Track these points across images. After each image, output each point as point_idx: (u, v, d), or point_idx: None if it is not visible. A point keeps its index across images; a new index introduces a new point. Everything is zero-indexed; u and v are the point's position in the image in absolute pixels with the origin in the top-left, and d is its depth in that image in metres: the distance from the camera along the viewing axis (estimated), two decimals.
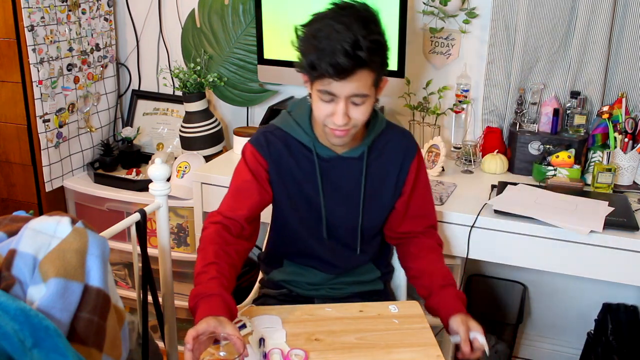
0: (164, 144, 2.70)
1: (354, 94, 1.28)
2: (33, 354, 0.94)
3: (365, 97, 1.30)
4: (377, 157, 1.49)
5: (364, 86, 1.28)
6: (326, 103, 1.31)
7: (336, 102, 1.29)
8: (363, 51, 1.22)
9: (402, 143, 1.52)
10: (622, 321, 2.18)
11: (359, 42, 1.21)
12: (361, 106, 1.31)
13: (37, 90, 2.23)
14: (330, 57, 1.21)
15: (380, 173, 1.50)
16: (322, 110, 1.32)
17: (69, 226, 1.09)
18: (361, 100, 1.30)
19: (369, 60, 1.24)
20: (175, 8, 2.60)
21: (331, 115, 1.31)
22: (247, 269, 2.51)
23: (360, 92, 1.28)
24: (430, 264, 1.51)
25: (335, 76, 1.24)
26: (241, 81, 2.55)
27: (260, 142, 1.46)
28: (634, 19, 2.03)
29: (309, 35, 1.27)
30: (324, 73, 1.24)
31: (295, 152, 1.45)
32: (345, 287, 1.58)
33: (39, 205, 2.41)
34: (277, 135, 1.46)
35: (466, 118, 2.32)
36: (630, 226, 1.71)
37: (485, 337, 1.36)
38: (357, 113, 1.32)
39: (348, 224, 1.51)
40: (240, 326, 1.28)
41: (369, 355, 1.24)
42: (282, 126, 1.48)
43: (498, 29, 2.16)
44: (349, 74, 1.24)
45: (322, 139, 1.45)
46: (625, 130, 2.03)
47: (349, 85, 1.26)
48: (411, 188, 1.52)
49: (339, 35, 1.22)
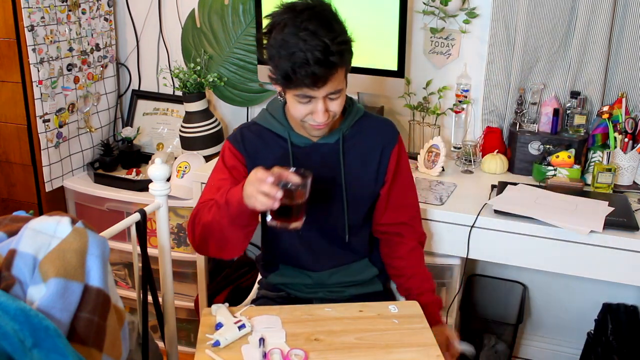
0: (164, 144, 2.70)
1: (330, 92, 1.32)
2: (33, 354, 0.94)
3: (340, 91, 1.34)
4: (355, 144, 1.49)
5: (338, 84, 1.32)
6: (304, 104, 1.33)
7: (314, 103, 1.32)
8: (335, 55, 1.24)
9: (382, 130, 1.52)
10: (622, 321, 2.18)
11: (329, 47, 1.23)
12: (337, 100, 1.35)
13: (37, 90, 2.23)
14: (305, 68, 1.23)
15: (359, 159, 1.50)
16: (300, 110, 1.35)
17: (69, 226, 1.09)
18: (337, 95, 1.34)
19: (340, 62, 1.27)
20: (175, 8, 2.60)
21: (310, 113, 1.34)
22: (246, 269, 2.51)
23: (336, 89, 1.32)
24: (410, 268, 1.56)
25: (313, 86, 1.27)
26: (241, 81, 2.55)
27: (236, 138, 1.49)
28: (634, 19, 2.03)
29: (277, 47, 1.26)
30: (300, 84, 1.27)
31: (271, 144, 1.48)
32: (344, 290, 1.58)
33: (39, 205, 2.41)
34: (253, 130, 1.50)
35: (466, 118, 2.32)
36: (630, 226, 1.71)
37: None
38: (335, 105, 1.35)
39: (330, 212, 1.50)
40: (240, 326, 1.28)
41: (368, 355, 1.24)
42: (259, 121, 1.51)
43: (498, 29, 2.16)
44: (325, 80, 1.27)
45: (298, 128, 1.47)
46: (625, 130, 2.03)
47: (325, 88, 1.29)
48: (392, 176, 1.52)
49: (307, 45, 1.22)
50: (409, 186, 1.58)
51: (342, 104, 1.37)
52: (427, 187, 1.99)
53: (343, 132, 1.48)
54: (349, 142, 1.49)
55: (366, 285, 1.60)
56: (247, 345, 1.24)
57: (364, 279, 1.60)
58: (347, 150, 1.49)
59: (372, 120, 1.54)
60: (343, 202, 1.49)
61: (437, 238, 1.87)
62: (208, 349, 1.22)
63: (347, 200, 1.49)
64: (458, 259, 2.02)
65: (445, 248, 1.89)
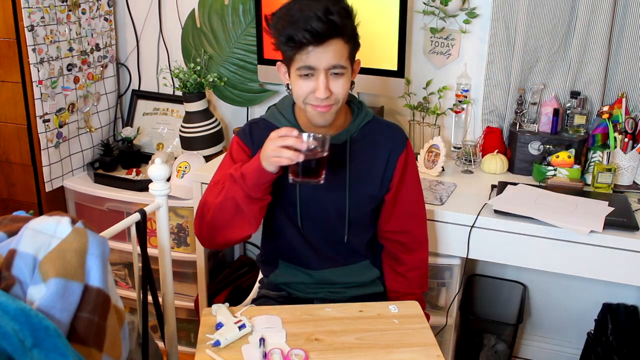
0: (164, 144, 2.70)
1: (332, 65, 1.32)
2: (33, 354, 0.94)
3: (343, 69, 1.35)
4: (362, 147, 1.49)
5: (340, 57, 1.33)
6: (306, 80, 1.35)
7: (316, 77, 1.34)
8: (335, 15, 1.28)
9: (390, 135, 1.52)
10: (622, 321, 2.18)
11: (329, 8, 1.28)
12: (340, 79, 1.35)
13: (37, 90, 2.23)
14: (305, 24, 1.27)
15: (365, 162, 1.49)
16: (302, 88, 1.36)
17: (69, 226, 1.09)
18: (339, 71, 1.34)
19: (342, 24, 1.30)
20: (175, 8, 2.60)
21: (312, 91, 1.35)
22: (247, 269, 2.51)
23: (338, 62, 1.32)
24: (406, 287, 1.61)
25: (312, 41, 1.29)
26: (241, 81, 2.55)
27: (245, 132, 1.51)
28: (634, 18, 2.03)
29: (282, 14, 1.33)
30: (302, 40, 1.28)
31: None
32: (345, 291, 1.58)
33: (39, 205, 2.41)
34: (261, 125, 1.51)
35: (466, 118, 2.32)
36: (630, 226, 1.71)
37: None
38: (337, 86, 1.35)
39: (331, 209, 1.50)
40: (240, 326, 1.28)
41: (369, 355, 1.24)
42: (267, 117, 1.53)
43: (498, 29, 2.16)
44: (325, 39, 1.29)
45: (305, 125, 1.47)
46: (625, 130, 2.03)
47: (325, 55, 1.30)
48: (398, 183, 1.51)
49: (310, 6, 1.28)
50: (415, 195, 1.57)
51: (345, 88, 1.37)
52: (427, 187, 1.99)
53: (351, 133, 1.48)
54: (356, 145, 1.49)
55: (367, 286, 1.60)
56: (248, 345, 1.24)
57: (365, 281, 1.60)
58: (354, 153, 1.48)
59: (381, 124, 1.53)
60: (345, 202, 1.49)
61: (437, 238, 1.87)
62: (208, 348, 1.22)
63: (349, 201, 1.49)
64: (458, 259, 2.02)
65: (445, 248, 1.89)
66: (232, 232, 1.41)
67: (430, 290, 2.14)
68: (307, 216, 1.51)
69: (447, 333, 2.13)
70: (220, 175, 1.46)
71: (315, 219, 1.51)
